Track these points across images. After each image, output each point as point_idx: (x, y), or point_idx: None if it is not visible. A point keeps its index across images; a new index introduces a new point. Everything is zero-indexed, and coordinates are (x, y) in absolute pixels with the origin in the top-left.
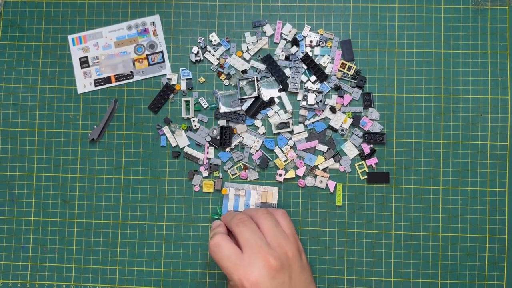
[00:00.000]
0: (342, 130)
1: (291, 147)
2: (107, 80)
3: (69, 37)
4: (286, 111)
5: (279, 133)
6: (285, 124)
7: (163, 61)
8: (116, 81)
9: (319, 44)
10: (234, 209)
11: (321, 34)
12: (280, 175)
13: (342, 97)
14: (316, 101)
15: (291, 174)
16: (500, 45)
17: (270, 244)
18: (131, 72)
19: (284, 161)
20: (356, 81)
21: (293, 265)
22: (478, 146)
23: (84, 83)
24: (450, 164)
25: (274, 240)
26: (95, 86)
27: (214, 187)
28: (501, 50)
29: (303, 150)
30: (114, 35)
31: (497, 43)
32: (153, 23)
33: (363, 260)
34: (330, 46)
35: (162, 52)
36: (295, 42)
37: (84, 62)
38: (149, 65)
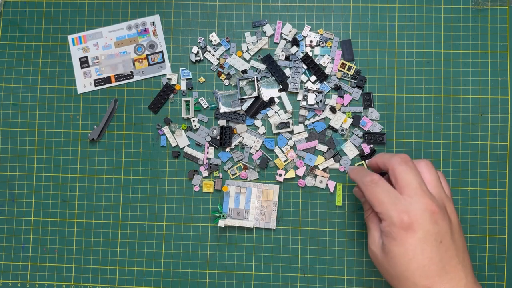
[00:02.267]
0: (342, 130)
1: (291, 147)
2: (107, 80)
3: (69, 37)
4: (286, 111)
5: (279, 133)
6: (285, 124)
7: (163, 61)
8: (116, 81)
9: (319, 44)
10: (235, 207)
11: (321, 34)
12: (280, 175)
13: (342, 97)
14: (316, 101)
15: (291, 174)
16: (500, 45)
17: (432, 193)
18: (131, 72)
19: (284, 161)
20: (356, 81)
21: (452, 222)
22: (478, 146)
23: (84, 83)
24: (450, 164)
25: (436, 191)
26: (95, 86)
27: (214, 187)
28: (501, 50)
29: (303, 150)
30: (114, 35)
31: (497, 43)
32: (153, 23)
33: (363, 260)
34: (330, 46)
35: (162, 52)
36: (295, 42)
37: (84, 62)
38: (149, 65)
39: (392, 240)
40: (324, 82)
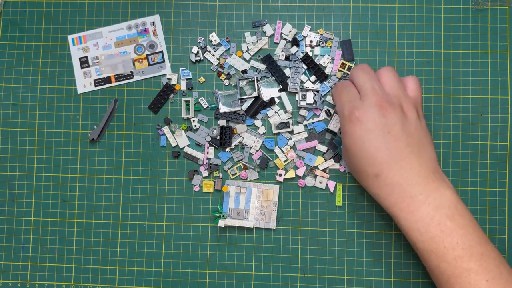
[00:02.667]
0: (341, 133)
1: (291, 147)
2: (107, 80)
3: (69, 37)
4: (286, 111)
5: (279, 133)
6: (285, 124)
7: (163, 61)
8: (116, 81)
9: (319, 44)
10: (235, 207)
11: (321, 34)
12: (280, 175)
13: None
14: (315, 100)
15: (291, 174)
16: (500, 45)
17: (387, 92)
18: (131, 72)
19: (284, 161)
20: None
21: (408, 118)
22: (478, 146)
23: (84, 83)
24: (450, 164)
25: (391, 91)
26: (95, 86)
27: (214, 187)
28: (501, 50)
29: (303, 150)
30: (114, 35)
31: (497, 43)
32: (153, 23)
33: (363, 260)
34: (330, 46)
35: (162, 52)
36: (295, 42)
37: (84, 62)
38: (149, 65)
39: (345, 134)
40: (324, 82)
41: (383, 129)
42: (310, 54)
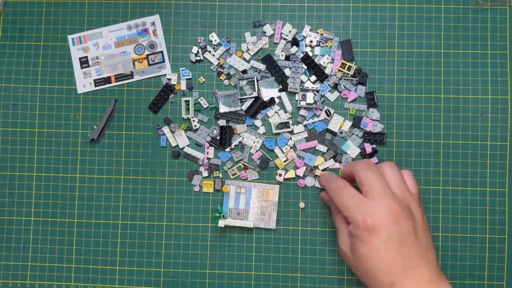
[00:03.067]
0: (341, 133)
1: (291, 147)
2: (107, 80)
3: (69, 37)
4: (286, 111)
5: (279, 133)
6: (285, 124)
7: (163, 61)
8: (116, 81)
9: (319, 44)
10: (235, 207)
11: (321, 34)
12: (280, 175)
13: (349, 90)
14: (315, 100)
15: (291, 174)
16: (500, 45)
17: (395, 193)
18: (131, 72)
19: (284, 161)
20: (357, 79)
21: (416, 220)
22: (478, 146)
23: (84, 83)
24: (450, 164)
25: (399, 192)
26: (95, 86)
27: (214, 187)
28: (501, 50)
29: (303, 150)
30: (114, 35)
31: (497, 43)
32: (153, 23)
33: None
34: (330, 46)
35: (162, 52)
36: (295, 42)
37: (84, 62)
38: (149, 65)
39: (358, 241)
40: (324, 82)
41: (399, 238)
42: (310, 54)
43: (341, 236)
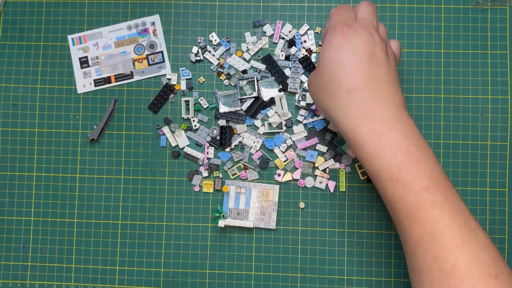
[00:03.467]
0: None
1: (288, 146)
2: (107, 80)
3: (69, 37)
4: (281, 113)
5: (273, 133)
6: (279, 125)
7: (163, 61)
8: (116, 81)
9: (315, 51)
10: (235, 207)
11: (318, 33)
12: (279, 175)
13: None
14: None
15: (287, 177)
16: (500, 45)
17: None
18: (131, 72)
19: (284, 161)
20: None
21: (390, 58)
22: (478, 146)
23: (84, 83)
24: (450, 164)
25: (382, 33)
26: (95, 86)
27: (214, 187)
28: (501, 50)
29: (303, 149)
30: (114, 35)
31: (497, 43)
32: (153, 23)
33: (363, 260)
34: None
35: (162, 52)
36: (292, 42)
37: (84, 62)
38: (149, 65)
39: (327, 44)
40: None
41: (369, 50)
42: (305, 53)
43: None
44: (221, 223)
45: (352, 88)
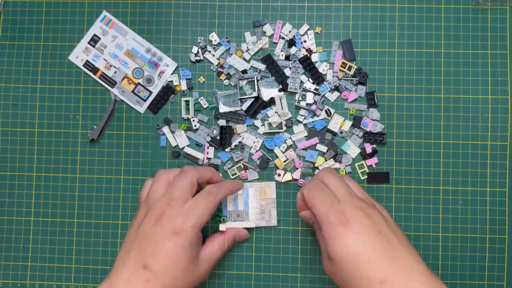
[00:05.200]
0: (341, 132)
1: (288, 146)
2: (94, 70)
3: (104, 11)
4: (281, 113)
5: (273, 133)
6: (279, 125)
7: (145, 101)
8: (99, 77)
9: (315, 50)
10: (234, 208)
11: (318, 33)
12: (279, 175)
13: (349, 90)
14: (315, 100)
15: (287, 177)
16: (500, 45)
17: (358, 195)
18: (115, 82)
19: (284, 161)
20: (357, 79)
21: (386, 218)
22: (478, 146)
23: (78, 55)
24: (450, 164)
25: (362, 195)
26: (83, 66)
27: None
28: (501, 50)
29: (303, 149)
30: (132, 44)
31: (497, 43)
32: (167, 65)
33: None
34: (321, 51)
35: (151, 93)
36: (292, 42)
37: (93, 40)
38: (132, 92)
39: (334, 241)
40: (324, 82)
41: (373, 229)
42: (305, 53)
43: (322, 249)
44: (222, 226)
45: (383, 278)
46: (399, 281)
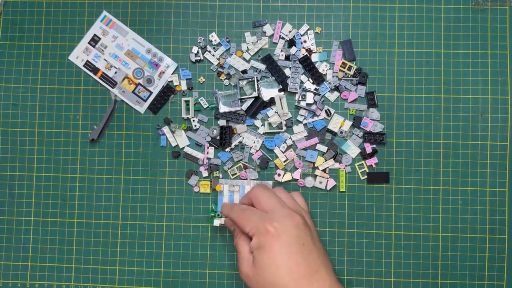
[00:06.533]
0: (341, 132)
1: (288, 146)
2: (95, 70)
3: (104, 11)
4: (281, 113)
5: (273, 133)
6: (279, 125)
7: (145, 101)
8: (99, 78)
9: (315, 50)
10: None
11: (317, 33)
12: (279, 174)
13: (349, 90)
14: (315, 100)
15: (287, 177)
16: (500, 45)
17: (290, 207)
18: (116, 82)
19: (284, 161)
20: (357, 79)
21: (311, 229)
22: (478, 146)
23: (78, 55)
24: (450, 164)
25: (293, 207)
26: (83, 66)
27: (211, 187)
28: (501, 50)
29: (303, 149)
30: (133, 44)
31: (497, 43)
32: (168, 66)
33: (363, 260)
34: (321, 51)
35: (151, 94)
36: (292, 42)
37: (94, 41)
38: (133, 92)
39: (261, 249)
40: (324, 83)
41: (298, 241)
42: (305, 53)
43: (242, 255)
44: (217, 222)
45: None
46: None
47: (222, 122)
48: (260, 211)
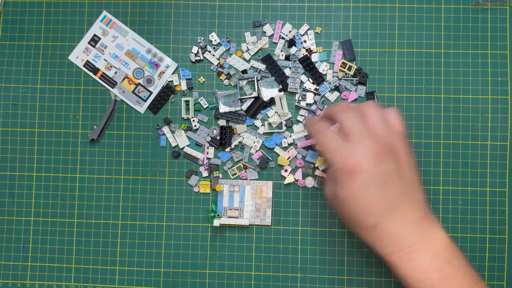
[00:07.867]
0: None
1: (289, 144)
2: (95, 70)
3: (104, 11)
4: (281, 113)
5: (273, 133)
6: (279, 125)
7: (145, 101)
8: (99, 78)
9: (315, 50)
10: (229, 205)
11: (317, 33)
12: (286, 170)
13: (349, 90)
14: (315, 100)
15: (290, 179)
16: (500, 45)
17: (376, 134)
18: (116, 82)
19: (288, 158)
20: (357, 79)
21: (401, 159)
22: (478, 146)
23: (78, 55)
24: (450, 164)
25: (380, 132)
26: (83, 66)
27: (211, 187)
28: (501, 50)
29: (303, 148)
30: (133, 44)
31: (497, 43)
32: (168, 66)
33: (363, 260)
34: (321, 52)
35: (151, 94)
36: (292, 42)
37: (94, 41)
38: (133, 92)
39: (338, 185)
40: (324, 83)
41: (380, 180)
42: (305, 53)
43: (328, 182)
44: (216, 222)
45: (375, 224)
46: (390, 228)
47: (222, 122)
48: (339, 139)
